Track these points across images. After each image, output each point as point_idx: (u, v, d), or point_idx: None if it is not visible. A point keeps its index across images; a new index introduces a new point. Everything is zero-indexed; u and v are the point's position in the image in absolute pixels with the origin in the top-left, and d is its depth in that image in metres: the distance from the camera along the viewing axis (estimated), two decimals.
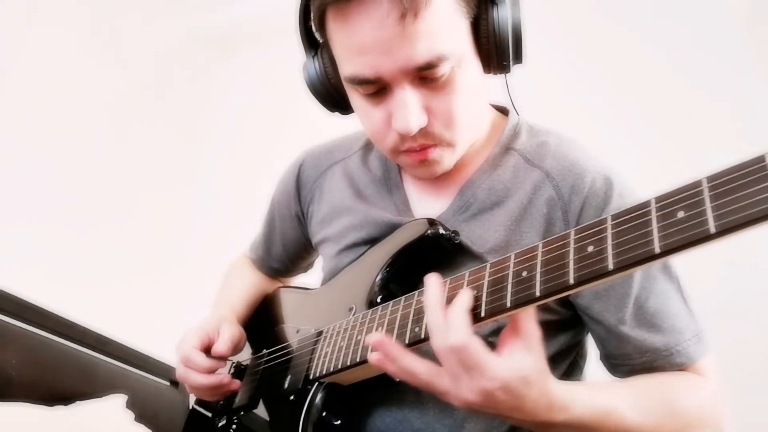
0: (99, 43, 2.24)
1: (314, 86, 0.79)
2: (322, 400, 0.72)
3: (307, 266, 1.10)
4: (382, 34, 0.63)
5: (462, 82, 0.69)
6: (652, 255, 0.42)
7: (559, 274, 0.48)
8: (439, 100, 0.68)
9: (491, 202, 0.77)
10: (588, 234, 0.48)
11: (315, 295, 0.89)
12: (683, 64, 1.89)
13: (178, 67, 2.64)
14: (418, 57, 0.64)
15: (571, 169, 0.75)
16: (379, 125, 0.72)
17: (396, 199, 0.85)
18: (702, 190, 0.40)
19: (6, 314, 1.25)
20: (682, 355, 0.69)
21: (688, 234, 0.40)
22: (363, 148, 0.94)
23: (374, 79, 0.67)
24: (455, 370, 0.55)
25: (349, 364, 0.68)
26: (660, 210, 0.43)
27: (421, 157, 0.73)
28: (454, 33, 0.67)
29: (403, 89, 0.67)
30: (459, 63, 0.68)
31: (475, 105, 0.75)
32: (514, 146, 0.80)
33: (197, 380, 0.80)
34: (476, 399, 0.55)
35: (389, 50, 0.64)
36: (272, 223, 1.04)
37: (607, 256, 0.45)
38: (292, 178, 0.98)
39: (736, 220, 0.37)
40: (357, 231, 0.85)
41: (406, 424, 0.75)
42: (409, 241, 0.74)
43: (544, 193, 0.75)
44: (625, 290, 0.70)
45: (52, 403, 1.25)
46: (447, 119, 0.70)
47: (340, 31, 0.67)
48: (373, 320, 0.68)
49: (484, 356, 0.53)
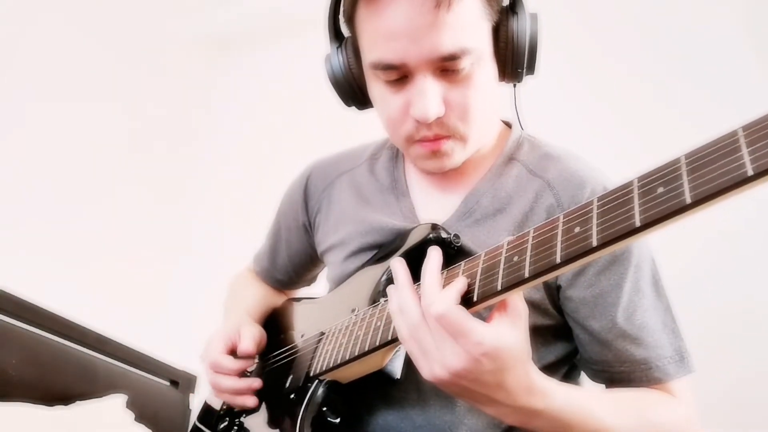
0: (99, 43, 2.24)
1: (336, 78, 0.81)
2: (321, 396, 0.73)
3: (311, 279, 1.11)
4: (413, 21, 0.66)
5: (479, 80, 0.72)
6: (633, 229, 0.43)
7: (546, 254, 0.50)
8: (456, 93, 0.71)
9: (494, 209, 0.79)
10: (575, 216, 0.50)
11: (320, 302, 0.91)
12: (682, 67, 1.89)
13: (178, 67, 2.65)
14: (443, 47, 0.67)
15: (571, 179, 0.77)
16: (396, 112, 0.74)
17: (402, 205, 0.87)
18: (680, 166, 0.42)
19: (6, 314, 1.25)
20: (661, 371, 0.70)
21: (666, 206, 0.42)
22: (369, 158, 0.96)
23: (399, 65, 0.69)
24: (441, 335, 0.54)
25: (348, 358, 0.68)
26: (642, 188, 0.45)
27: (434, 147, 0.75)
28: (478, 31, 0.71)
29: (424, 77, 0.69)
30: (479, 60, 0.71)
31: (489, 105, 0.77)
32: (517, 157, 0.83)
33: (227, 384, 0.81)
34: (458, 365, 0.53)
35: (418, 38, 0.67)
36: (278, 234, 1.05)
37: (592, 234, 0.47)
38: (300, 189, 0.99)
39: (710, 190, 0.39)
40: (362, 237, 0.86)
41: (408, 421, 0.75)
42: (412, 245, 0.75)
43: (545, 201, 0.77)
44: (614, 300, 0.71)
45: (52, 402, 1.25)
46: (462, 112, 0.72)
47: (371, 17, 0.70)
48: (373, 315, 0.69)
49: (471, 322, 0.53)
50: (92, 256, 2.03)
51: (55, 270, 1.81)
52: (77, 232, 2.00)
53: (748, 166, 0.38)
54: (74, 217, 2.01)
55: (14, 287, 1.28)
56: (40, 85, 1.97)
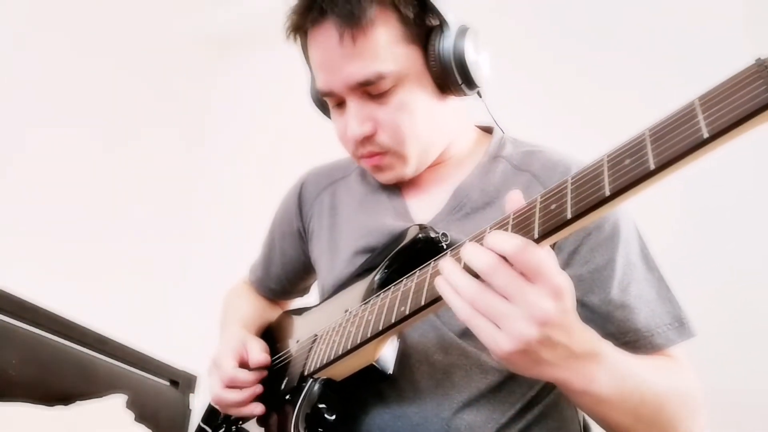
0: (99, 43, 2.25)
1: (313, 97, 0.91)
2: (316, 394, 0.73)
3: (304, 289, 1.12)
4: (329, 55, 0.77)
5: (407, 99, 0.78)
6: (604, 198, 0.46)
7: (525, 232, 0.52)
8: (384, 113, 0.79)
9: (483, 203, 0.82)
10: (551, 194, 0.52)
11: (315, 309, 0.91)
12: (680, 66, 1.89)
13: (178, 67, 2.65)
14: (356, 75, 0.76)
15: (555, 168, 0.80)
16: (341, 133, 0.84)
17: (394, 203, 0.89)
18: (645, 137, 0.46)
19: (6, 314, 1.25)
20: (663, 337, 0.71)
21: (633, 174, 0.45)
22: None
23: (328, 92, 0.80)
24: (517, 284, 0.50)
25: (341, 353, 0.69)
26: (610, 161, 0.48)
27: (373, 163, 0.83)
28: (395, 55, 0.77)
29: (351, 101, 0.79)
30: (401, 82, 0.77)
31: (425, 122, 0.81)
32: (502, 154, 0.87)
33: (237, 397, 0.80)
34: (549, 308, 0.49)
35: (334, 69, 0.77)
36: (272, 243, 1.06)
37: (567, 208, 0.49)
38: (294, 197, 1.02)
39: (671, 155, 0.43)
40: (357, 241, 0.87)
41: (405, 419, 0.75)
42: (402, 245, 0.77)
43: (533, 192, 0.77)
44: (609, 273, 0.73)
45: (52, 402, 1.25)
46: (393, 131, 0.79)
47: (309, 51, 0.82)
48: (365, 311, 0.70)
49: (546, 257, 0.50)
50: (92, 257, 2.03)
51: (55, 270, 1.82)
52: (77, 233, 2.01)
53: (704, 130, 0.41)
54: (74, 217, 2.01)
55: (14, 287, 1.29)
56: (40, 84, 1.98)
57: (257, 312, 1.05)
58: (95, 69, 2.21)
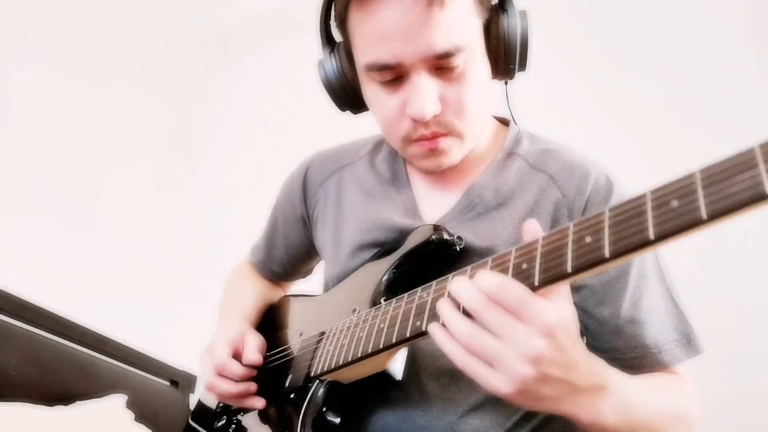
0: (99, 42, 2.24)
1: (329, 82, 0.81)
2: (322, 397, 0.72)
3: (307, 272, 1.09)
4: (407, 21, 0.67)
5: (474, 77, 0.72)
6: (647, 241, 0.43)
7: (557, 263, 0.49)
8: (452, 91, 0.71)
9: (497, 203, 0.79)
10: (586, 226, 0.49)
11: (319, 300, 0.89)
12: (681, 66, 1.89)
13: (178, 67, 2.65)
14: (438, 45, 0.67)
15: (573, 171, 0.77)
16: (393, 113, 0.74)
17: (404, 198, 0.86)
18: (695, 181, 0.42)
19: (6, 314, 1.25)
20: (670, 354, 0.70)
21: (682, 220, 0.42)
22: (370, 152, 0.95)
23: (394, 64, 0.69)
24: (506, 323, 0.49)
25: (350, 360, 0.68)
26: (655, 201, 0.44)
27: (432, 146, 0.75)
28: (470, 28, 0.71)
29: (420, 76, 0.69)
30: (472, 57, 0.71)
31: (484, 102, 0.77)
32: (517, 152, 0.83)
33: (229, 389, 0.80)
34: (539, 345, 0.49)
35: (412, 37, 0.67)
36: (275, 226, 1.03)
37: (604, 245, 0.46)
38: (299, 181, 0.98)
39: (726, 206, 0.40)
40: (363, 234, 0.85)
41: (410, 422, 0.74)
42: (414, 246, 0.75)
43: (550, 195, 0.77)
44: (621, 286, 0.71)
45: (52, 403, 1.25)
46: (458, 109, 0.72)
47: (364, 19, 0.70)
48: (376, 317, 0.68)
49: (530, 295, 0.49)
50: (92, 256, 2.03)
51: (55, 270, 1.81)
52: (77, 232, 2.00)
53: (766, 184, 0.38)
54: (74, 217, 2.00)
55: (14, 287, 1.28)
56: (40, 85, 1.97)
57: (259, 295, 1.02)
58: (95, 69, 2.20)
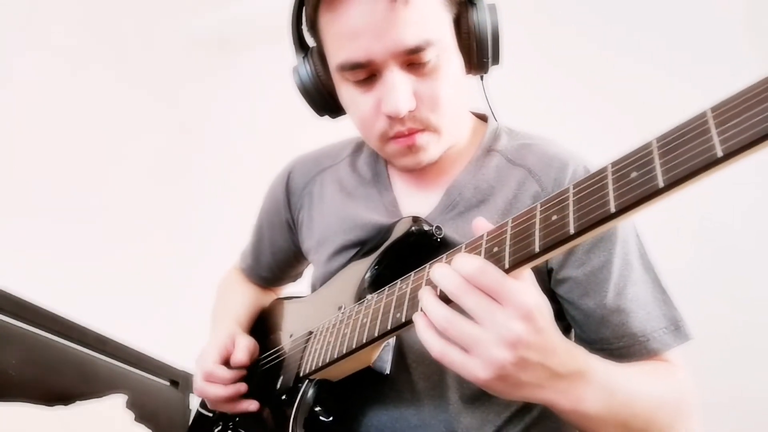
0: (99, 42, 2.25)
1: (305, 87, 0.82)
2: (312, 396, 0.73)
3: (296, 276, 1.11)
4: (373, 18, 0.67)
5: (447, 71, 0.72)
6: (609, 215, 0.43)
7: (525, 244, 0.49)
8: (425, 86, 0.71)
9: (477, 200, 0.79)
10: (552, 204, 0.49)
11: (307, 301, 0.90)
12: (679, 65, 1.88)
13: (178, 67, 2.65)
14: (407, 40, 0.68)
15: (551, 163, 0.77)
16: (368, 112, 0.74)
17: (385, 199, 0.86)
18: (652, 149, 0.42)
19: (6, 314, 1.25)
20: (658, 341, 0.70)
21: (640, 191, 0.42)
22: (351, 154, 0.95)
23: (365, 62, 0.70)
24: (484, 306, 0.49)
25: (336, 357, 0.68)
26: (615, 173, 0.44)
27: (409, 142, 0.75)
28: (440, 23, 0.71)
29: (392, 72, 0.70)
30: (444, 52, 0.71)
31: (459, 96, 0.77)
32: (496, 148, 0.83)
33: (218, 392, 0.81)
34: (518, 328, 0.48)
35: (380, 33, 0.68)
36: (261, 232, 1.04)
37: (569, 222, 0.46)
38: (281, 186, 0.99)
39: (682, 173, 0.39)
40: (345, 234, 0.86)
41: (403, 421, 0.75)
42: (395, 239, 0.75)
43: (528, 189, 0.77)
44: (605, 276, 0.71)
45: (52, 403, 1.25)
46: (433, 104, 0.72)
47: (333, 20, 0.70)
48: (359, 312, 0.68)
49: (505, 278, 0.49)
50: (92, 256, 2.03)
51: (55, 270, 1.82)
52: (77, 232, 2.01)
53: (718, 148, 0.38)
54: (74, 217, 2.01)
55: (14, 287, 1.29)
56: (39, 85, 1.98)
57: (249, 301, 1.04)
58: (95, 69, 2.21)
